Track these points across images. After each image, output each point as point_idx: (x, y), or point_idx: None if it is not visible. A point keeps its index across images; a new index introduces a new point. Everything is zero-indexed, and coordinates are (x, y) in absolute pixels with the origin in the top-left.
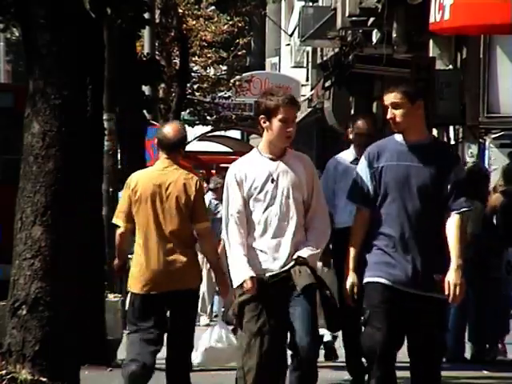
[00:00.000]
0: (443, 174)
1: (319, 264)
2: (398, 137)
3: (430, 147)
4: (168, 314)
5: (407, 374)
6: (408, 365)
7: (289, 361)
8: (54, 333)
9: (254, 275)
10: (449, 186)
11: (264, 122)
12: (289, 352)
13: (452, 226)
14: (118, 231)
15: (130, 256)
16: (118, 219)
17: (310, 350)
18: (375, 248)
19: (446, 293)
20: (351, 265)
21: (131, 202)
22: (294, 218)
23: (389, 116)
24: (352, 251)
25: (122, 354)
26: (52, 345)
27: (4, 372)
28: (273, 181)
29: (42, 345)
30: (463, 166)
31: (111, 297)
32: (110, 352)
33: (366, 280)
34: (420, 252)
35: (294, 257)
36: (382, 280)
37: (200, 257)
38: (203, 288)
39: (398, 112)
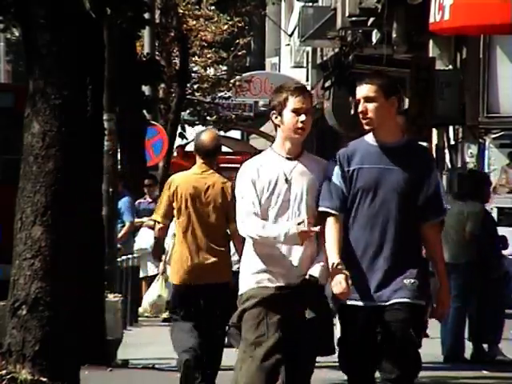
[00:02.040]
0: (419, 178)
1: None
2: (370, 137)
3: (404, 149)
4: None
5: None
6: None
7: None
8: (54, 333)
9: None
10: (425, 193)
11: (276, 118)
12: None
13: (431, 239)
14: (158, 226)
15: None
16: (158, 215)
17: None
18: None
19: (436, 315)
20: (337, 255)
21: (171, 202)
22: (307, 225)
23: (360, 109)
24: (334, 252)
25: (122, 353)
26: (52, 345)
27: (4, 372)
28: (287, 181)
29: (42, 345)
30: (436, 170)
31: (111, 297)
32: (110, 352)
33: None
34: (391, 261)
35: (308, 274)
36: (351, 302)
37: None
38: None
39: (371, 106)
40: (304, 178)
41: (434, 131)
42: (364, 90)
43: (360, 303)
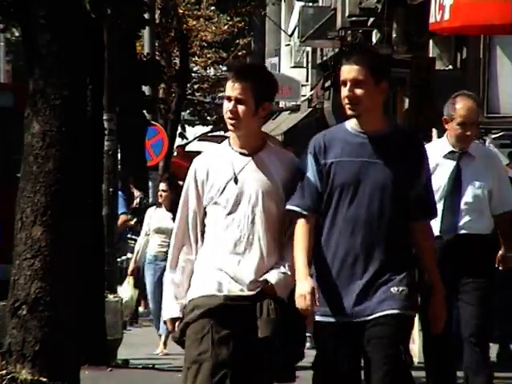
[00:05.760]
0: (407, 172)
1: None
2: (350, 125)
3: (390, 139)
4: None
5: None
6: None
7: None
8: (54, 333)
9: (179, 316)
10: (414, 189)
11: None
12: None
13: (419, 242)
14: None
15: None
16: None
17: None
18: (316, 271)
19: (432, 329)
20: (304, 271)
21: None
22: (263, 232)
23: (346, 93)
24: (301, 260)
25: (122, 353)
26: (52, 345)
27: (4, 372)
28: (236, 181)
29: (41, 345)
30: (428, 162)
31: (111, 297)
32: (110, 352)
33: None
34: (375, 269)
35: (261, 279)
36: (326, 318)
37: None
38: None
39: (360, 91)
40: (259, 177)
41: (434, 131)
42: (352, 72)
43: (335, 320)
